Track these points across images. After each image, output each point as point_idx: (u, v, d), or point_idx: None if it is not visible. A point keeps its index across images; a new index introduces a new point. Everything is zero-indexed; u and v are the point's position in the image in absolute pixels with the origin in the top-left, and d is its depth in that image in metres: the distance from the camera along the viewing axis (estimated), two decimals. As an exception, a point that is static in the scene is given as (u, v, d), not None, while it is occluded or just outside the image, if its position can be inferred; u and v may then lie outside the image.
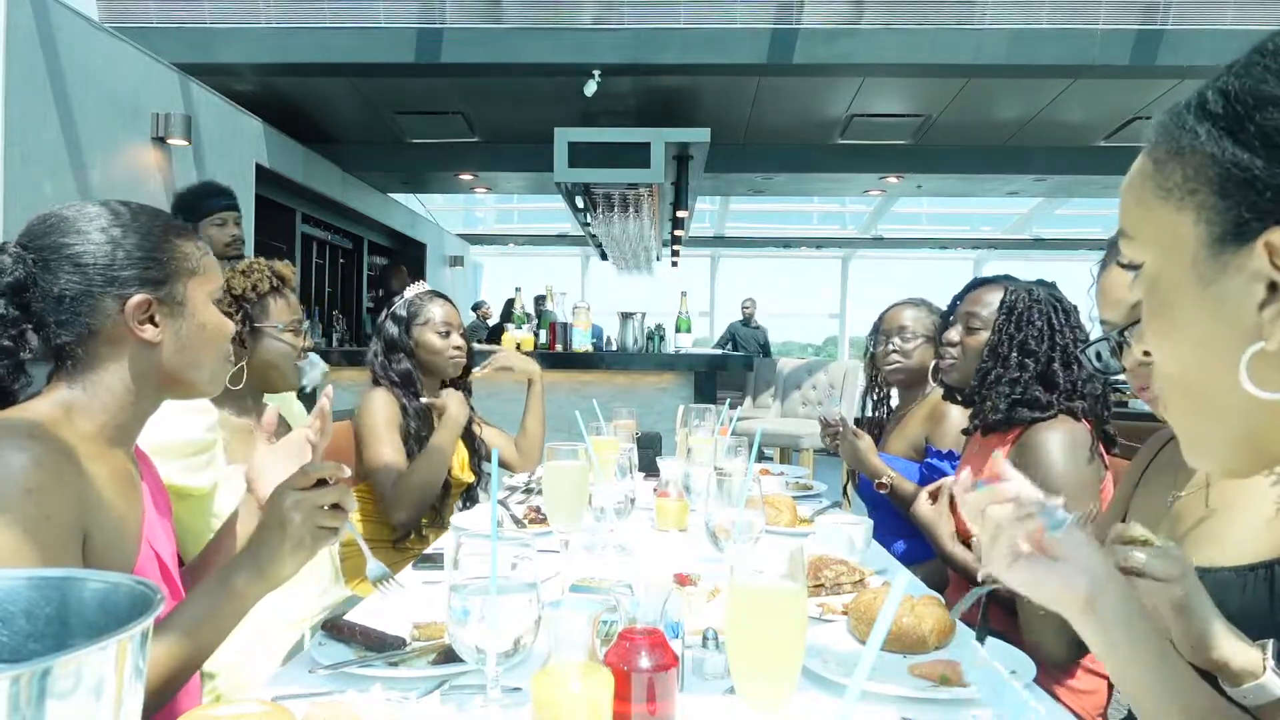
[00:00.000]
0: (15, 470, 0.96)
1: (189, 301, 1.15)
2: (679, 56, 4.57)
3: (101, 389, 1.10)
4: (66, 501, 1.00)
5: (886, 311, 2.60)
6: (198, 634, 1.07)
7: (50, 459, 0.99)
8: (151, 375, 1.12)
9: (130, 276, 1.09)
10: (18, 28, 3.07)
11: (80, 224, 1.11)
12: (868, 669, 0.71)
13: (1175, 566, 0.92)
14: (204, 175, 4.30)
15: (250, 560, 1.08)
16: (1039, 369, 1.81)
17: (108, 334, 1.09)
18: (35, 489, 0.96)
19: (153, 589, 0.59)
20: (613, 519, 1.76)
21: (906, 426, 2.49)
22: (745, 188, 8.07)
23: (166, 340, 1.12)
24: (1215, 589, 1.01)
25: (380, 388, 2.44)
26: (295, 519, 1.07)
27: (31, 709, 0.46)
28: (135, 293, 1.09)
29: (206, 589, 1.09)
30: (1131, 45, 4.44)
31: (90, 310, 1.08)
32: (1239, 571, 1.01)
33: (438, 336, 2.48)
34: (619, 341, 5.24)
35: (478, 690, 1.06)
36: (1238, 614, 0.98)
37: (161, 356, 1.12)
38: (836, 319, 12.05)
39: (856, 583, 1.55)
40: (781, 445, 5.68)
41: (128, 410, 1.12)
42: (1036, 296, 1.86)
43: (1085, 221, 10.22)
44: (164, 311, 1.12)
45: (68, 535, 1.00)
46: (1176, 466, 1.17)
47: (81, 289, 1.08)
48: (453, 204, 10.28)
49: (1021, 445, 1.78)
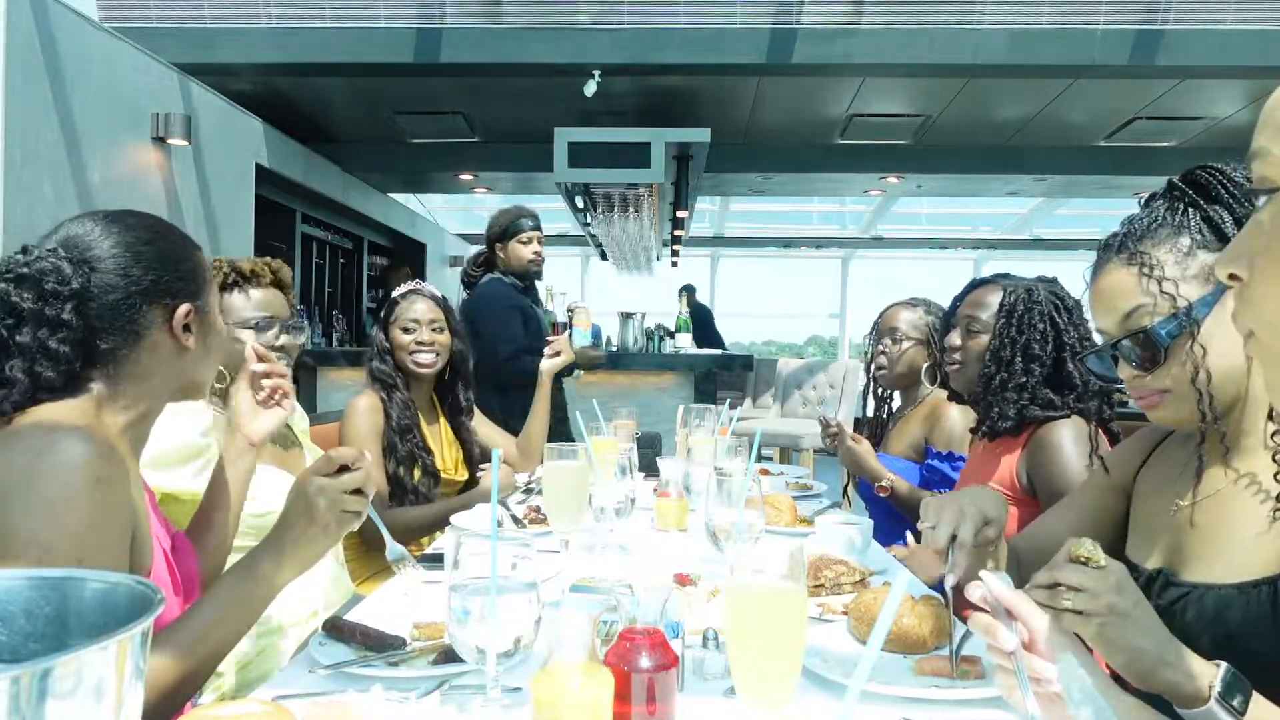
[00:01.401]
0: (83, 460, 0.98)
1: (209, 309, 1.21)
2: (679, 56, 4.56)
3: (131, 393, 1.13)
4: (125, 496, 1.03)
5: (884, 312, 2.60)
6: (225, 621, 1.10)
7: (111, 453, 1.02)
8: (175, 379, 1.17)
9: (177, 287, 1.15)
10: (17, 28, 3.07)
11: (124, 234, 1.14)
12: (868, 669, 0.72)
13: (1098, 600, 0.89)
14: (203, 175, 4.30)
15: (276, 546, 1.12)
16: (1045, 373, 1.79)
17: (150, 341, 1.13)
18: (103, 479, 0.99)
19: (153, 589, 0.59)
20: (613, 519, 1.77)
21: (906, 427, 2.49)
22: (745, 188, 8.07)
23: (194, 346, 1.18)
24: (1217, 606, 1.00)
25: (364, 393, 2.45)
26: (321, 504, 1.11)
27: (32, 709, 0.46)
28: (181, 302, 1.15)
29: (234, 575, 1.13)
30: (1131, 45, 4.43)
31: (136, 318, 1.12)
32: (1241, 588, 0.99)
33: (401, 332, 2.48)
34: (619, 341, 5.24)
35: (478, 690, 1.06)
36: (1239, 629, 0.97)
37: (190, 363, 1.18)
38: (836, 319, 12.05)
39: (856, 583, 1.55)
40: (781, 445, 5.68)
41: (148, 415, 1.16)
42: (1036, 297, 1.84)
43: (1085, 221, 10.21)
44: (197, 321, 1.18)
45: (125, 528, 1.04)
46: (1178, 472, 1.15)
47: (129, 297, 1.11)
48: (453, 204, 10.28)
49: (1033, 445, 1.77)
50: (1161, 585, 1.09)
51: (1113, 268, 1.14)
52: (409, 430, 2.41)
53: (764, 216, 10.77)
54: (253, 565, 1.12)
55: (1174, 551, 1.11)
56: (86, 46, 3.45)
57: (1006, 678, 0.88)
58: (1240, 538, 1.03)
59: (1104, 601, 0.88)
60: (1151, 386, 1.12)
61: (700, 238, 10.17)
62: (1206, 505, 1.09)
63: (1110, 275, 1.15)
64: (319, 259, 7.00)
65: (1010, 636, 0.86)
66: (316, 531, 1.11)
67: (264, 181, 5.13)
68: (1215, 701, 0.85)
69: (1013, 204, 9.32)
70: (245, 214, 4.79)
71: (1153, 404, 1.13)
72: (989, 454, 1.88)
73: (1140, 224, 1.14)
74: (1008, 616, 0.87)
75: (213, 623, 1.08)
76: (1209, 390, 1.06)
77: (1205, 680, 0.87)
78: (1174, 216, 1.13)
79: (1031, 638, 0.87)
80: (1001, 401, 1.82)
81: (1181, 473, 1.15)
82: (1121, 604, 0.89)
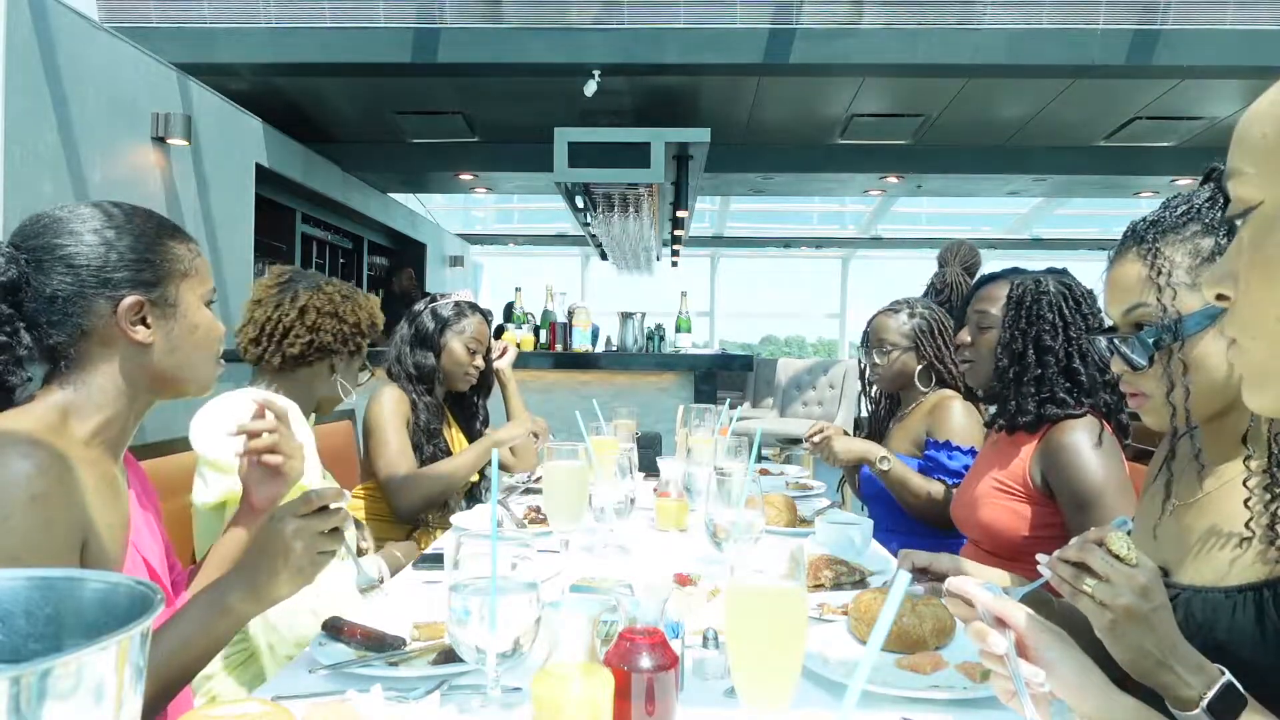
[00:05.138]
0: (20, 477, 0.96)
1: (181, 303, 1.16)
2: (678, 56, 4.56)
3: (95, 391, 1.10)
4: (68, 508, 1.00)
5: (871, 320, 2.61)
6: (188, 649, 1.07)
7: (53, 466, 0.99)
8: (143, 376, 1.13)
9: (123, 278, 1.10)
10: (17, 28, 3.07)
11: (73, 225, 1.11)
12: (868, 669, 0.71)
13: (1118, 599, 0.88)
14: (203, 175, 4.30)
15: (248, 583, 1.08)
16: (1060, 365, 1.78)
17: (100, 335, 1.10)
18: (39, 495, 0.97)
19: (153, 589, 0.59)
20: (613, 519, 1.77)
21: (908, 424, 2.50)
22: (745, 188, 8.06)
23: (158, 342, 1.13)
24: (1205, 609, 1.00)
25: (390, 384, 2.45)
26: (297, 548, 1.07)
27: (32, 709, 0.46)
28: (128, 294, 1.10)
29: (199, 605, 1.09)
30: (1131, 45, 4.43)
31: (82, 311, 1.09)
32: (1228, 593, 0.99)
33: (466, 350, 2.51)
34: (619, 341, 5.24)
35: (478, 690, 1.06)
36: (1227, 636, 0.97)
37: (153, 358, 1.13)
38: (836, 319, 12.04)
39: (856, 583, 1.56)
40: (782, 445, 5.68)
41: (121, 413, 1.13)
42: (1044, 288, 1.81)
43: (1085, 221, 10.21)
44: (156, 313, 1.13)
45: (69, 542, 1.01)
46: (1180, 471, 1.15)
47: (74, 290, 1.09)
48: (453, 204, 10.28)
49: (1048, 445, 1.76)
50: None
51: (1129, 258, 1.12)
52: (437, 433, 2.45)
53: (764, 216, 10.76)
54: (221, 598, 1.08)
55: (1169, 551, 1.10)
56: (86, 46, 3.45)
57: (1002, 682, 0.88)
58: (1228, 542, 1.03)
59: (1123, 602, 0.88)
60: (1137, 386, 1.13)
61: (700, 238, 10.17)
62: (1199, 507, 1.09)
63: (1123, 265, 1.12)
64: (319, 259, 6.99)
65: (1001, 640, 0.87)
66: (291, 573, 1.08)
67: (264, 181, 5.13)
68: (1203, 711, 0.86)
69: (1013, 204, 9.31)
70: (245, 214, 4.79)
71: (1139, 403, 1.14)
72: (1004, 448, 1.86)
73: (1172, 215, 1.10)
74: (998, 624, 0.88)
75: (177, 648, 1.06)
76: (1185, 406, 1.06)
77: (1198, 690, 0.87)
78: (1212, 211, 1.08)
79: (1022, 643, 0.88)
80: (1020, 395, 1.80)
81: (1185, 470, 1.14)
82: (1140, 607, 0.88)
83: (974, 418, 2.36)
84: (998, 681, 0.89)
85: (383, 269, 8.36)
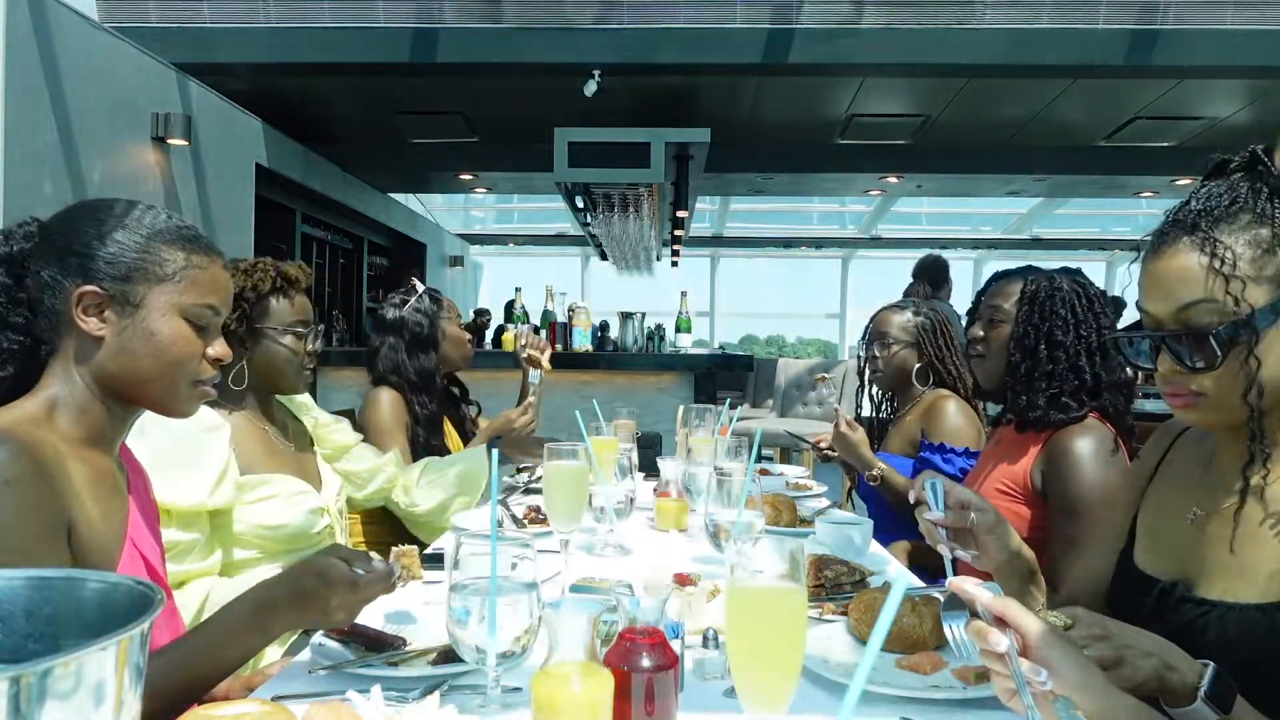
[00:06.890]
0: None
1: (145, 306, 1.12)
2: (678, 56, 4.56)
3: (72, 384, 1.12)
4: (47, 494, 1.01)
5: (875, 316, 2.61)
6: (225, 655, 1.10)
7: (27, 453, 1.00)
8: (91, 373, 1.12)
9: (95, 268, 1.10)
10: (17, 28, 3.06)
11: (84, 212, 1.14)
12: (868, 669, 0.71)
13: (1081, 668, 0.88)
14: (203, 175, 4.30)
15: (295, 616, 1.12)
16: (1070, 362, 1.78)
17: (64, 321, 1.11)
18: (13, 480, 0.98)
19: (153, 589, 0.59)
20: (613, 519, 1.77)
21: (904, 425, 2.51)
22: (745, 188, 8.07)
23: (108, 338, 1.11)
24: (1240, 626, 0.96)
25: (384, 387, 2.44)
26: (339, 617, 1.13)
27: (32, 709, 0.46)
28: (81, 284, 1.10)
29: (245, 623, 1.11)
30: (1131, 45, 4.43)
31: (56, 295, 1.11)
32: (1265, 609, 0.95)
33: (459, 327, 2.53)
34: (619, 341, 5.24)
35: (478, 690, 1.06)
36: (1266, 654, 0.94)
37: (100, 354, 1.12)
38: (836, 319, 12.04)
39: (856, 583, 1.55)
40: (781, 445, 5.68)
41: (99, 412, 1.13)
42: (1058, 285, 1.82)
43: (1085, 221, 10.20)
44: (114, 308, 1.11)
45: (50, 527, 1.02)
46: (1197, 477, 1.10)
47: (57, 273, 1.11)
48: (453, 204, 10.28)
49: (1051, 450, 1.75)
50: (1177, 600, 1.04)
51: (1180, 249, 0.99)
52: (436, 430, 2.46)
53: (764, 216, 10.76)
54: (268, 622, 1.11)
55: (1189, 563, 1.06)
56: (86, 46, 3.45)
57: (1003, 681, 0.88)
58: (1265, 554, 0.98)
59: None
60: (1190, 387, 1.01)
61: (700, 238, 10.17)
62: (1225, 516, 1.03)
63: (1176, 257, 1.00)
64: (319, 259, 6.99)
65: (1001, 639, 0.86)
66: (329, 623, 1.15)
67: (264, 181, 5.13)
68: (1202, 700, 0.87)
69: (1013, 204, 9.31)
70: (245, 214, 4.79)
71: (1187, 404, 1.03)
72: (1011, 446, 1.86)
73: (1219, 202, 1.00)
74: (998, 623, 0.88)
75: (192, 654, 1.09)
76: (1260, 405, 0.97)
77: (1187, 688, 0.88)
78: (1256, 201, 0.99)
79: (1024, 641, 0.87)
80: (1030, 391, 1.80)
81: (1201, 477, 1.10)
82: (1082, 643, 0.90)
83: (969, 417, 2.36)
84: (998, 680, 0.89)
85: (383, 269, 8.36)
